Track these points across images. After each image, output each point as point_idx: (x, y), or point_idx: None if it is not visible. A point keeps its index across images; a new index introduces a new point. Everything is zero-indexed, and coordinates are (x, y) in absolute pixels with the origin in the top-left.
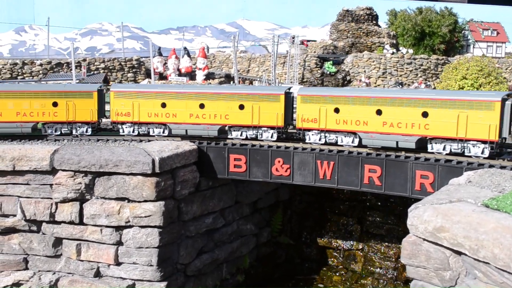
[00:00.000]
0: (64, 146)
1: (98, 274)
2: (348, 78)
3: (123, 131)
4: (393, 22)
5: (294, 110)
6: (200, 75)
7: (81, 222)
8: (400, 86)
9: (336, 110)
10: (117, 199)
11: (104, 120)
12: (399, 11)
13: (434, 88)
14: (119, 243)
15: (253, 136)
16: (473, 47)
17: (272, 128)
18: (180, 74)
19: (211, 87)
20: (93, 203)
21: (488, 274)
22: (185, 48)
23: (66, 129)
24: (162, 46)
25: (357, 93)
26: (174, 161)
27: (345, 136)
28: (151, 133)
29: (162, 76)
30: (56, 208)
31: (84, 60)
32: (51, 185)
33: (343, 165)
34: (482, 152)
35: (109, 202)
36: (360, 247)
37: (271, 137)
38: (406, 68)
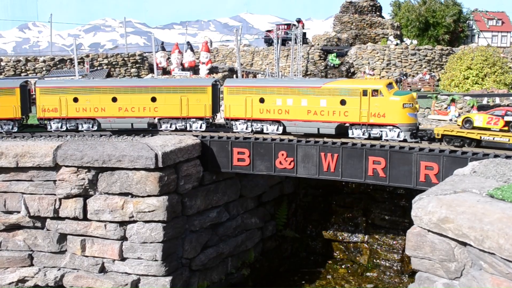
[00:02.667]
0: (67, 142)
1: (103, 270)
2: (352, 70)
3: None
4: (397, 13)
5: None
6: (203, 69)
7: (85, 218)
8: (405, 77)
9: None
10: (120, 194)
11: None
12: (403, 1)
13: (439, 79)
14: (124, 238)
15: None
16: (478, 37)
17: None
18: (183, 69)
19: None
20: (97, 198)
21: (493, 264)
22: (188, 43)
23: None
24: (165, 41)
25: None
26: (177, 155)
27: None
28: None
29: (165, 71)
30: (60, 204)
31: (88, 56)
32: (54, 181)
33: (347, 157)
34: (200, 127)
35: (113, 197)
36: (366, 239)
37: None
38: (411, 59)
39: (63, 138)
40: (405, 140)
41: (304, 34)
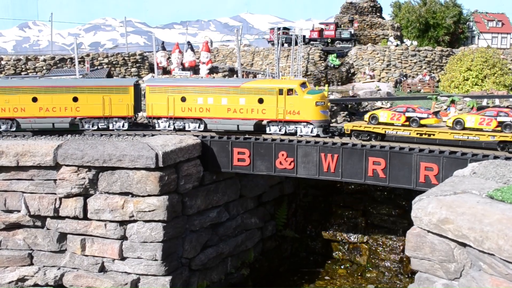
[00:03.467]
0: (67, 141)
1: (103, 269)
2: (352, 70)
3: None
4: (397, 14)
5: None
6: (203, 69)
7: (85, 217)
8: (405, 78)
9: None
10: (121, 193)
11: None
12: (403, 3)
13: (439, 80)
14: (124, 237)
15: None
16: (478, 38)
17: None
18: (183, 69)
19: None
20: (97, 198)
21: (493, 265)
22: (188, 43)
23: None
24: (165, 41)
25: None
26: (178, 155)
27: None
28: None
29: (165, 71)
30: (60, 203)
31: (88, 55)
32: (55, 180)
33: (347, 158)
34: (123, 126)
35: (113, 197)
36: (365, 240)
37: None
38: (411, 60)
39: (63, 137)
40: (318, 136)
41: (304, 37)
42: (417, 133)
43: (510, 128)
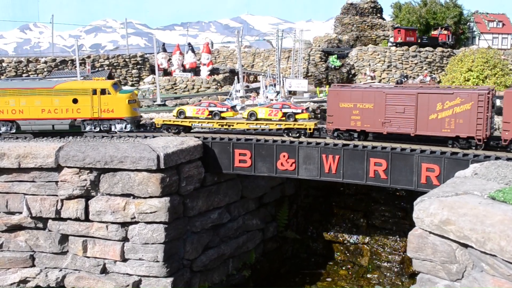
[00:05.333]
0: (69, 143)
1: (104, 271)
2: (353, 71)
3: None
4: (397, 15)
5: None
6: (204, 71)
7: (86, 219)
8: (406, 79)
9: None
10: (122, 195)
11: None
12: (404, 3)
13: (440, 81)
14: (125, 239)
15: None
16: (479, 39)
17: None
18: (184, 70)
19: None
20: (99, 199)
21: (495, 266)
22: (189, 44)
23: None
24: (166, 42)
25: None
26: (179, 156)
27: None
28: None
29: (166, 72)
30: (62, 205)
31: (89, 57)
32: (56, 182)
33: (348, 159)
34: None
35: (115, 198)
36: (366, 241)
37: None
38: (411, 61)
39: (65, 139)
40: (132, 131)
41: None
42: (219, 125)
43: (292, 117)
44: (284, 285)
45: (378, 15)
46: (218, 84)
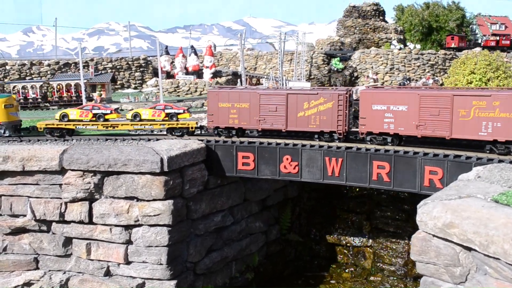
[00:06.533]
0: (73, 145)
1: (108, 273)
2: (355, 74)
3: None
4: (400, 18)
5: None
6: (207, 73)
7: (90, 222)
8: (408, 82)
9: None
10: (126, 198)
11: None
12: (406, 6)
13: (442, 83)
14: (129, 242)
15: None
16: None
17: None
18: (187, 73)
19: None
20: (102, 202)
21: (498, 269)
22: (192, 47)
23: None
24: (169, 45)
25: None
26: (183, 159)
27: None
28: None
29: (169, 75)
30: (66, 208)
31: (92, 60)
32: (60, 185)
33: (351, 162)
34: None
35: (118, 201)
36: (370, 243)
37: None
38: (414, 64)
39: (69, 142)
40: (10, 136)
41: None
42: (104, 126)
43: (174, 117)
44: (287, 287)
45: (381, 17)
46: None
